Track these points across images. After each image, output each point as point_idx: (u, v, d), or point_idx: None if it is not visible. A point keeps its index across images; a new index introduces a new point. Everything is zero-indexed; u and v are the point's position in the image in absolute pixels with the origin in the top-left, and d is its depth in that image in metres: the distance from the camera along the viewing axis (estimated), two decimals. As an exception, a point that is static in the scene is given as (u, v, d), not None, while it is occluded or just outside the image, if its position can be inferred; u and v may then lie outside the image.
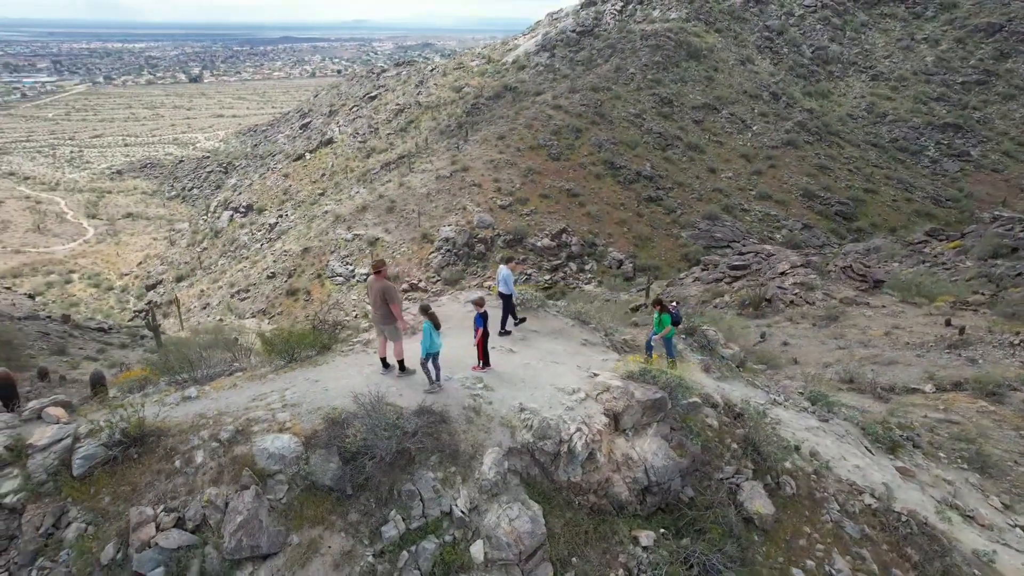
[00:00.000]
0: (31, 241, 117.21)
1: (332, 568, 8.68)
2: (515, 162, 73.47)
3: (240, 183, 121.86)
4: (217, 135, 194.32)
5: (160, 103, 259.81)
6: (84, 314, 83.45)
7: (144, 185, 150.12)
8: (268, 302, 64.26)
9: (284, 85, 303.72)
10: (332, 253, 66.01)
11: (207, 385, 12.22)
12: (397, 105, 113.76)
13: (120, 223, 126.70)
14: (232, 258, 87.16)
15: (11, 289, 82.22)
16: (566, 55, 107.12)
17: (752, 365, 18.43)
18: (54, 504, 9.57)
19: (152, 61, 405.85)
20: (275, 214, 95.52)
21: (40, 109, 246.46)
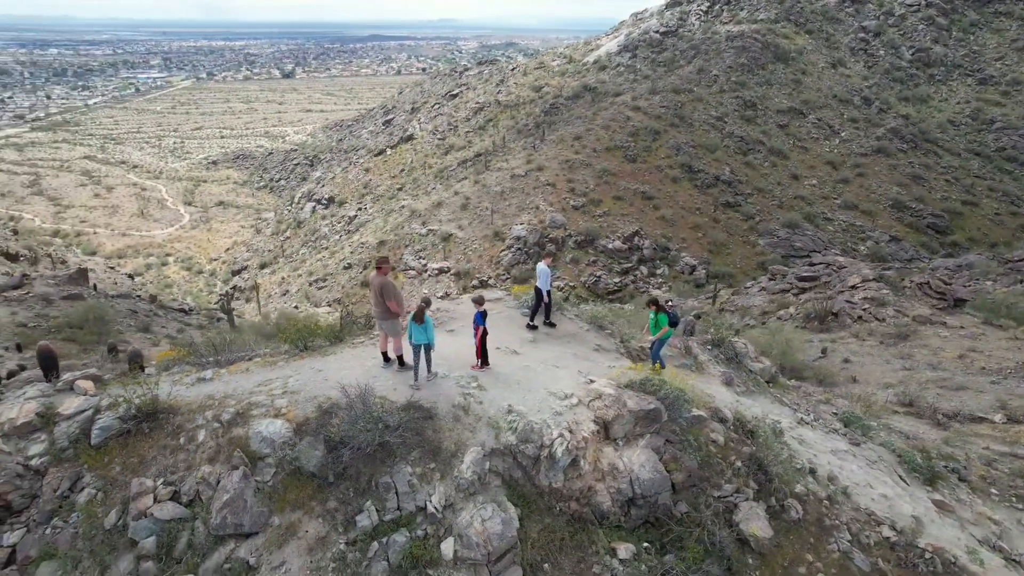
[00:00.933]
0: (135, 225, 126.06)
1: (306, 552, 8.95)
2: (590, 163, 73.13)
3: (324, 176, 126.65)
4: (305, 129, 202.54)
5: (255, 98, 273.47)
6: (176, 295, 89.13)
7: (236, 175, 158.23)
8: (343, 292, 66.57)
9: (371, 82, 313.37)
10: (406, 247, 67.68)
11: (224, 368, 12.80)
12: (477, 103, 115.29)
13: (212, 211, 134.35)
14: (312, 248, 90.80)
15: (115, 269, 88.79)
16: (648, 56, 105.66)
17: (784, 381, 17.61)
18: (72, 469, 10.29)
19: (250, 58, 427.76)
20: (355, 207, 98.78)
21: (150, 103, 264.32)
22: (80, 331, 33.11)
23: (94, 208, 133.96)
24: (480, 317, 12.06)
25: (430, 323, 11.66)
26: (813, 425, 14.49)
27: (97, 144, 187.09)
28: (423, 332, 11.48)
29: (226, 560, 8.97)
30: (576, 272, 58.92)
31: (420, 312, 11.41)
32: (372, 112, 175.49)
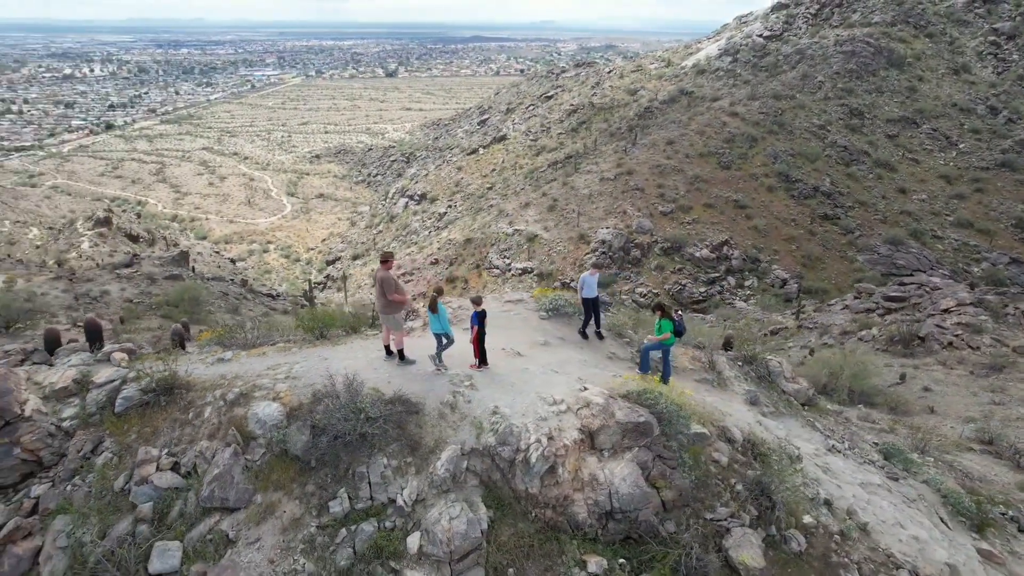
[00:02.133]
0: (242, 213, 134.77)
1: (280, 531, 9.32)
2: (682, 168, 71.75)
3: (418, 173, 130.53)
4: (404, 127, 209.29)
5: (358, 95, 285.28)
6: (274, 281, 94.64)
7: (336, 169, 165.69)
8: (428, 286, 68.52)
9: (469, 82, 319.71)
10: (492, 246, 68.80)
11: (244, 351, 13.47)
12: (571, 105, 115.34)
13: (313, 202, 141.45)
14: (402, 242, 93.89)
15: (219, 253, 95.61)
16: (749, 60, 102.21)
17: (824, 404, 16.47)
18: (95, 433, 11.16)
19: (356, 57, 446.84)
20: (445, 204, 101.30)
21: (263, 99, 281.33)
22: (175, 309, 36.00)
23: (208, 196, 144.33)
24: (475, 317, 12.04)
25: (444, 312, 11.89)
26: (846, 454, 13.60)
27: (215, 136, 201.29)
28: (437, 322, 11.83)
29: (209, 531, 9.47)
30: (660, 279, 58.05)
31: (433, 302, 11.73)
32: (468, 112, 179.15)
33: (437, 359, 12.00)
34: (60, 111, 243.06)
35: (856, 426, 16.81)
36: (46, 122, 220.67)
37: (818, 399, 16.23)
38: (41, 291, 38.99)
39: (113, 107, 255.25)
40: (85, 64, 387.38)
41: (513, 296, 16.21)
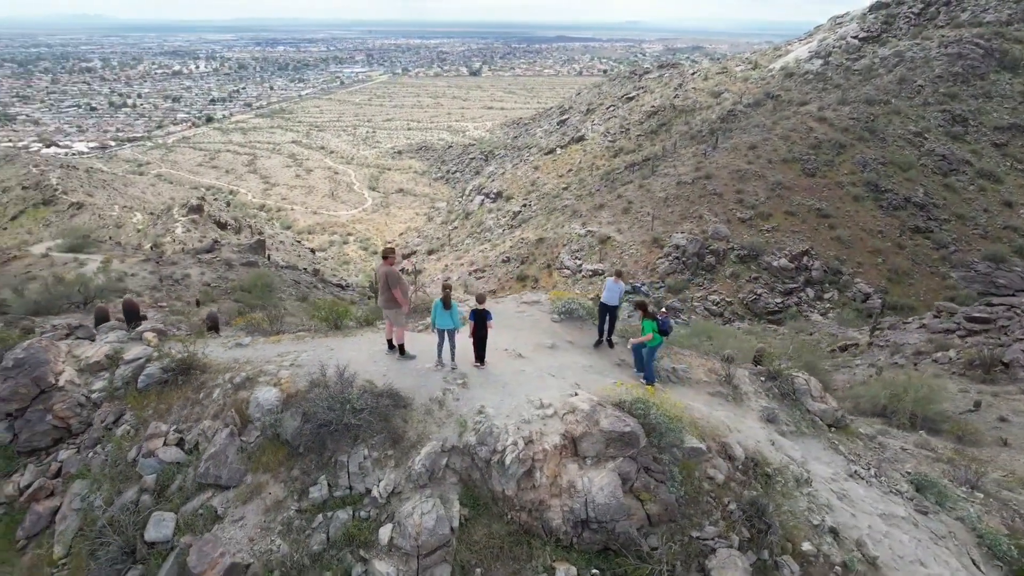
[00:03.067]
0: (325, 205, 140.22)
1: (263, 512, 9.66)
2: (763, 174, 69.43)
3: (495, 171, 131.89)
4: (485, 125, 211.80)
5: (442, 93, 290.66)
6: (351, 271, 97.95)
7: (417, 165, 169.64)
8: (499, 284, 69.20)
9: (551, 82, 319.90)
10: (564, 246, 68.79)
11: (263, 337, 14.00)
12: (652, 107, 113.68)
13: (392, 197, 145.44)
14: (476, 239, 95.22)
15: (300, 243, 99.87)
16: (842, 63, 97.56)
17: (855, 427, 15.43)
18: (118, 406, 11.92)
19: (442, 56, 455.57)
20: (520, 203, 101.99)
21: (351, 95, 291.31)
22: (248, 294, 37.92)
23: (294, 187, 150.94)
24: (473, 315, 12.09)
25: (455, 308, 11.97)
26: (869, 481, 12.78)
27: (303, 130, 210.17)
28: (448, 317, 11.87)
29: (201, 506, 9.95)
30: (734, 288, 56.49)
31: (447, 297, 11.85)
32: (549, 112, 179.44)
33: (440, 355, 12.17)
34: (168, 105, 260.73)
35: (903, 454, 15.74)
36: (155, 115, 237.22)
37: (848, 420, 15.24)
38: (131, 272, 42.00)
39: (214, 101, 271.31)
40: (192, 61, 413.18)
41: (530, 297, 16.04)
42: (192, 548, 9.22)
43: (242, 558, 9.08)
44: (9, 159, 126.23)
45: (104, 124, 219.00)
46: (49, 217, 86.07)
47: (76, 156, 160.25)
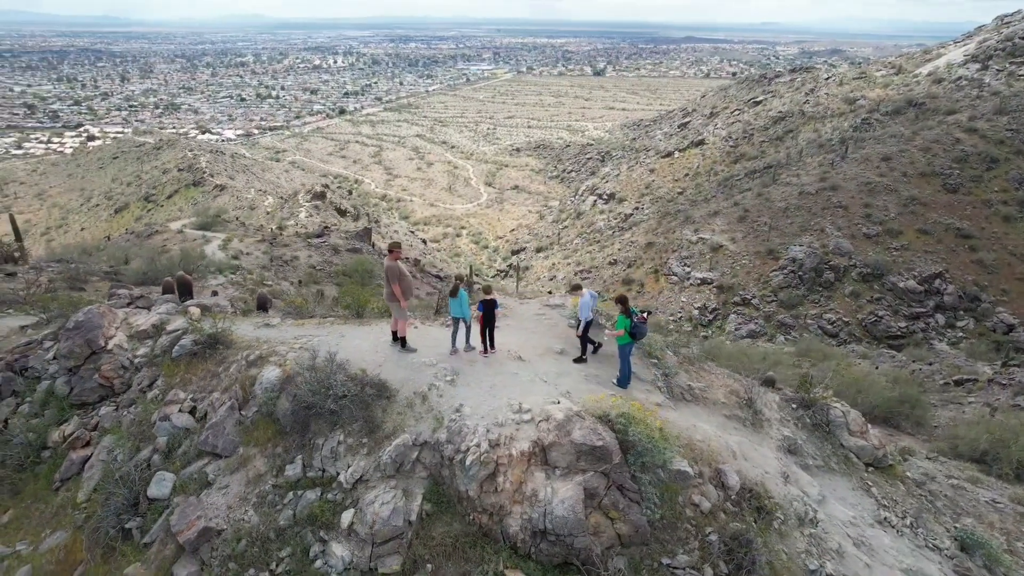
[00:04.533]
0: (442, 198, 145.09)
1: (244, 483, 10.23)
2: (896, 188, 64.59)
3: (610, 172, 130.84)
4: (605, 125, 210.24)
5: (564, 92, 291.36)
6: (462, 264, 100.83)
7: (533, 163, 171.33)
8: (604, 286, 68.98)
9: (676, 84, 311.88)
10: (674, 252, 67.46)
11: (292, 320, 14.74)
12: (779, 112, 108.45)
13: (507, 193, 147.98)
14: (585, 240, 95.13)
15: (413, 233, 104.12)
16: (1003, 67, 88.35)
17: (903, 470, 13.87)
18: (154, 372, 13.00)
19: (567, 55, 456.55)
20: (632, 205, 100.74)
21: (475, 92, 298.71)
22: (348, 279, 40.21)
23: (415, 180, 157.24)
24: (481, 305, 12.47)
25: (464, 298, 12.51)
26: (901, 531, 11.66)
27: (428, 125, 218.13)
28: (458, 306, 12.49)
29: (197, 471, 10.72)
30: (853, 307, 53.09)
31: (455, 288, 12.45)
32: (671, 114, 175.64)
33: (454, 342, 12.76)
34: (306, 97, 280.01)
35: (981, 507, 14.09)
36: (294, 106, 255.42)
37: (891, 460, 13.72)
38: (247, 251, 45.81)
39: (347, 94, 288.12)
40: (331, 56, 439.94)
41: (554, 301, 15.63)
42: (177, 508, 10.05)
43: (216, 523, 9.73)
44: (171, 144, 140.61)
45: (250, 114, 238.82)
46: (197, 197, 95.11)
47: (224, 142, 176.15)
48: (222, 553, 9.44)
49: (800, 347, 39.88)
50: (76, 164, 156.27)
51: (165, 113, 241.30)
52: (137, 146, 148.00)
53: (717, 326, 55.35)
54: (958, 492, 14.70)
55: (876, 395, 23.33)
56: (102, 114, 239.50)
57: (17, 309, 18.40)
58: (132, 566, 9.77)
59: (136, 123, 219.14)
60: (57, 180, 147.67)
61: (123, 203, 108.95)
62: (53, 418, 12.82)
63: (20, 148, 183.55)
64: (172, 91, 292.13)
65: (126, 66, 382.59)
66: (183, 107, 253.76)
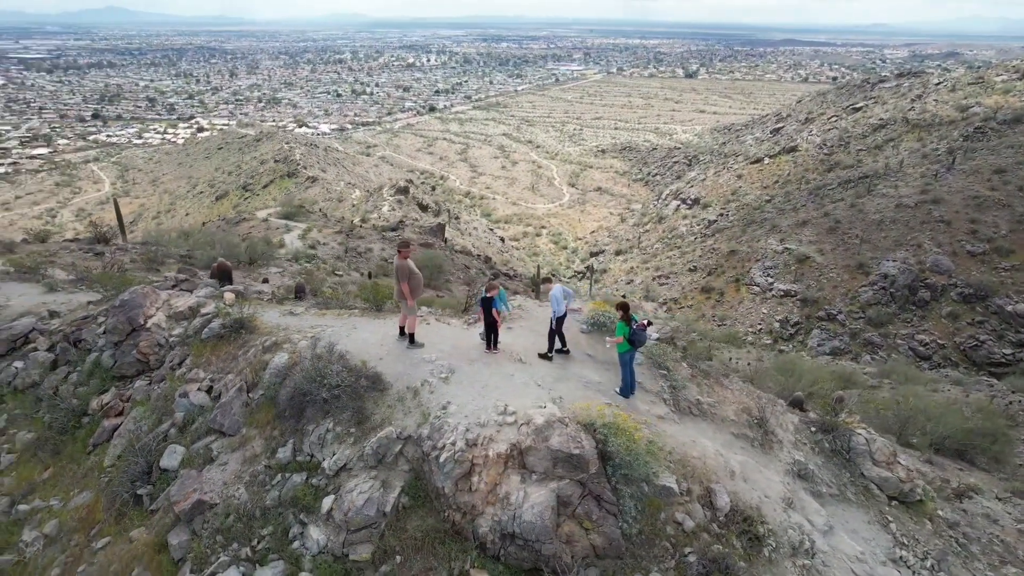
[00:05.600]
0: (524, 197, 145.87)
1: (242, 462, 10.70)
2: (1009, 203, 59.68)
3: (696, 177, 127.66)
4: (694, 129, 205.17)
5: (654, 94, 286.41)
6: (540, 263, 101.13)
7: (618, 165, 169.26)
8: (681, 292, 67.56)
9: (771, 88, 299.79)
10: (757, 261, 65.23)
11: (315, 310, 15.20)
12: (880, 120, 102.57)
13: (590, 195, 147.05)
14: (666, 244, 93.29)
15: (492, 231, 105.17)
16: None
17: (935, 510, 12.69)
18: (184, 351, 13.75)
19: (659, 56, 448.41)
20: (716, 211, 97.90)
21: (564, 92, 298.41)
22: None
23: (499, 178, 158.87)
24: (481, 302, 12.55)
25: (503, 295, 12.71)
26: (918, 572, 10.82)
27: (514, 124, 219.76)
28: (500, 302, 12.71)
29: (204, 447, 11.29)
30: (950, 330, 49.52)
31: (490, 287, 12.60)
32: (763, 119, 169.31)
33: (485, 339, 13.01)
34: (399, 94, 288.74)
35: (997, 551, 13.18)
36: (387, 103, 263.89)
37: (920, 495, 12.62)
38: (324, 241, 47.65)
39: (438, 92, 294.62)
40: (424, 55, 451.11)
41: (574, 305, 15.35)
42: (178, 480, 10.68)
43: (210, 497, 10.24)
44: (270, 136, 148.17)
45: (345, 109, 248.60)
46: (290, 187, 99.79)
47: (319, 136, 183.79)
48: (212, 526, 9.94)
49: (882, 368, 37.59)
50: (186, 153, 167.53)
51: (267, 107, 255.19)
52: (240, 138, 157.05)
53: (799, 341, 53.11)
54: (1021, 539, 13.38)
55: (950, 425, 21.69)
56: (211, 107, 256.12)
57: (88, 286, 20.04)
58: (137, 530, 10.47)
59: (240, 116, 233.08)
60: (169, 168, 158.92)
61: (224, 191, 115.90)
62: (96, 388, 13.87)
63: (140, 138, 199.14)
64: (274, 86, 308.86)
65: (235, 62, 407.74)
66: (283, 101, 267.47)
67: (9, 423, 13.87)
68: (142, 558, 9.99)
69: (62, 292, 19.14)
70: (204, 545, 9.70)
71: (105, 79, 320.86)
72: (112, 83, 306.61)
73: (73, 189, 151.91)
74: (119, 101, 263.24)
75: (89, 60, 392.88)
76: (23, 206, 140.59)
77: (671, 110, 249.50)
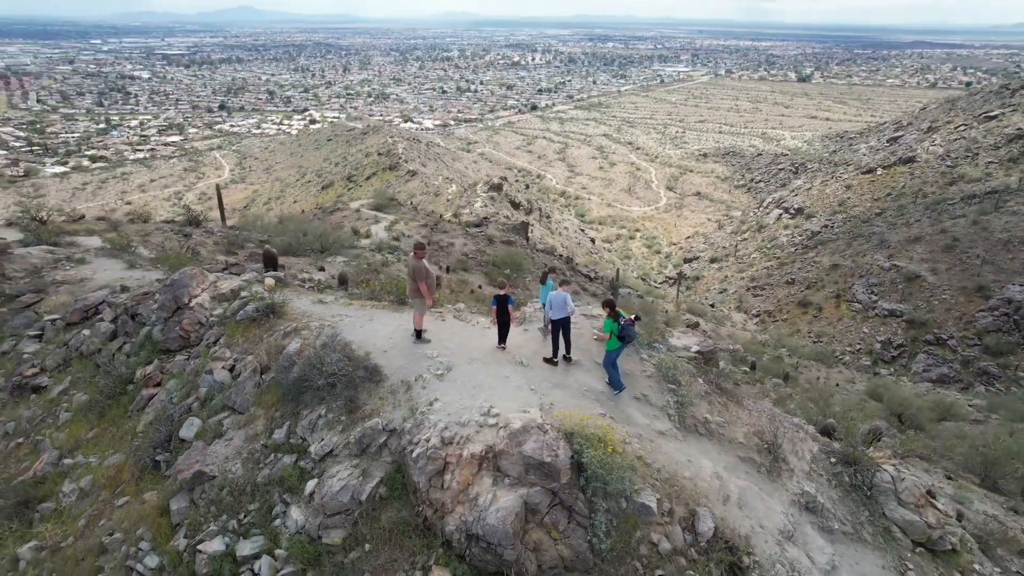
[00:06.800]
0: (620, 198, 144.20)
1: (245, 439, 11.30)
2: None
3: (801, 186, 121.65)
4: (803, 135, 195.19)
5: (763, 98, 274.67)
6: (631, 267, 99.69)
7: (720, 170, 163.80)
8: (776, 305, 64.93)
9: (893, 94, 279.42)
10: (861, 277, 61.72)
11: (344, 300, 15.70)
12: (1018, 129, 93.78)
13: (688, 199, 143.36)
14: (764, 254, 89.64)
15: (583, 231, 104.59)
16: None
17: (970, 563, 11.17)
18: (220, 331, 14.58)
19: (771, 59, 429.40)
20: (821, 222, 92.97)
21: (668, 94, 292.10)
22: (496, 269, 41.24)
23: (595, 179, 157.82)
24: (496, 300, 12.70)
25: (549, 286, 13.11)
26: None
27: (615, 125, 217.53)
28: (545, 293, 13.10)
29: (217, 421, 11.99)
30: (1082, 366, 44.90)
31: (544, 276, 13.03)
32: (880, 126, 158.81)
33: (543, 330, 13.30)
34: (502, 92, 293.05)
35: None
36: (490, 100, 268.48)
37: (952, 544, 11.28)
38: (408, 233, 48.95)
39: (541, 91, 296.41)
40: (529, 53, 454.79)
41: (595, 311, 14.83)
42: (187, 450, 11.46)
43: (211, 470, 10.86)
44: (375, 130, 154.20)
45: (449, 105, 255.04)
46: (391, 180, 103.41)
47: (422, 131, 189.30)
48: (208, 496, 10.56)
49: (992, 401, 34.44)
50: (298, 144, 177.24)
51: (375, 101, 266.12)
52: (348, 130, 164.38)
53: (901, 364, 49.81)
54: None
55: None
56: (324, 100, 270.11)
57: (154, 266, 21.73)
58: (150, 492, 11.30)
59: (350, 109, 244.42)
60: (282, 157, 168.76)
61: (329, 181, 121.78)
62: (144, 359, 14.98)
63: (259, 128, 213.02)
64: (384, 81, 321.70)
65: (349, 58, 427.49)
66: (391, 96, 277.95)
67: (72, 384, 15.28)
68: (147, 519, 10.81)
69: (139, 269, 20.83)
70: (199, 513, 10.40)
71: (233, 73, 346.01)
72: (238, 77, 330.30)
73: (198, 174, 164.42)
74: (243, 94, 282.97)
75: (220, 56, 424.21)
76: (156, 188, 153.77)
77: (780, 115, 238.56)
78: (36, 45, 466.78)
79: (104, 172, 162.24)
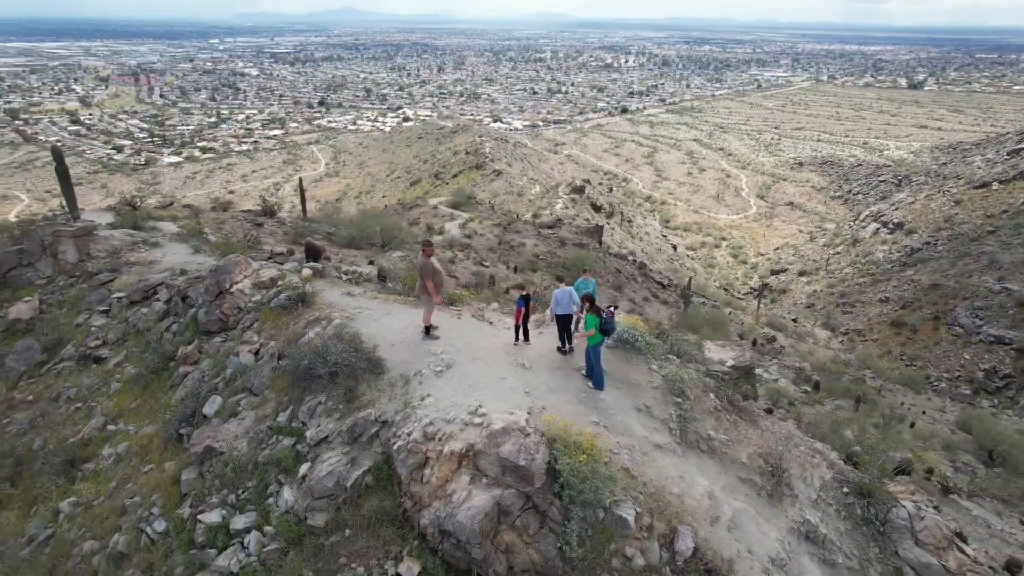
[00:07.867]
0: (707, 205, 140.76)
1: (253, 420, 12.04)
2: None
3: (903, 199, 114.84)
4: (911, 146, 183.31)
5: (867, 106, 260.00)
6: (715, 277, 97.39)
7: (815, 180, 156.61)
8: (867, 324, 62.05)
9: (1019, 102, 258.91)
10: (964, 300, 58.02)
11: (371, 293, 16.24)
12: None
13: (779, 209, 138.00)
14: (857, 270, 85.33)
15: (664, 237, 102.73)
16: None
17: None
18: (255, 316, 15.37)
19: (879, 64, 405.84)
20: (923, 239, 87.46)
21: (765, 99, 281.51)
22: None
23: (683, 184, 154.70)
24: (522, 300, 13.08)
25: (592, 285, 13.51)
26: None
27: (707, 130, 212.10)
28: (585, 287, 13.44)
29: (235, 401, 12.74)
30: None
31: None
32: (1002, 137, 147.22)
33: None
34: (592, 94, 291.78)
35: None
36: (580, 102, 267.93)
37: None
38: (481, 232, 49.61)
39: (632, 94, 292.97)
40: (623, 56, 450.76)
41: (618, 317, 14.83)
42: (202, 426, 12.35)
43: (220, 446, 11.61)
44: (465, 129, 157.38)
45: (539, 106, 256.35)
46: (476, 178, 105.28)
47: (511, 131, 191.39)
48: (214, 470, 11.28)
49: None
50: (390, 141, 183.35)
51: (467, 101, 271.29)
52: (438, 129, 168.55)
53: (1007, 397, 46.56)
54: None
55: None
56: (418, 99, 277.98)
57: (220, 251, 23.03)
58: (169, 463, 12.26)
59: (442, 108, 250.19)
60: (375, 153, 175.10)
61: (418, 178, 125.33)
62: (187, 338, 16.08)
63: (355, 124, 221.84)
64: (476, 81, 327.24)
65: (444, 58, 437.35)
66: (482, 96, 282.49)
67: (126, 357, 16.61)
68: (162, 486, 11.72)
69: (202, 255, 22.09)
70: (205, 486, 11.15)
71: (333, 71, 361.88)
72: (338, 74, 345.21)
73: (295, 167, 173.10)
74: (341, 91, 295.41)
75: (323, 54, 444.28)
76: (256, 179, 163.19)
77: (885, 123, 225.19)
78: (163, 45, 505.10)
79: (212, 163, 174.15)
